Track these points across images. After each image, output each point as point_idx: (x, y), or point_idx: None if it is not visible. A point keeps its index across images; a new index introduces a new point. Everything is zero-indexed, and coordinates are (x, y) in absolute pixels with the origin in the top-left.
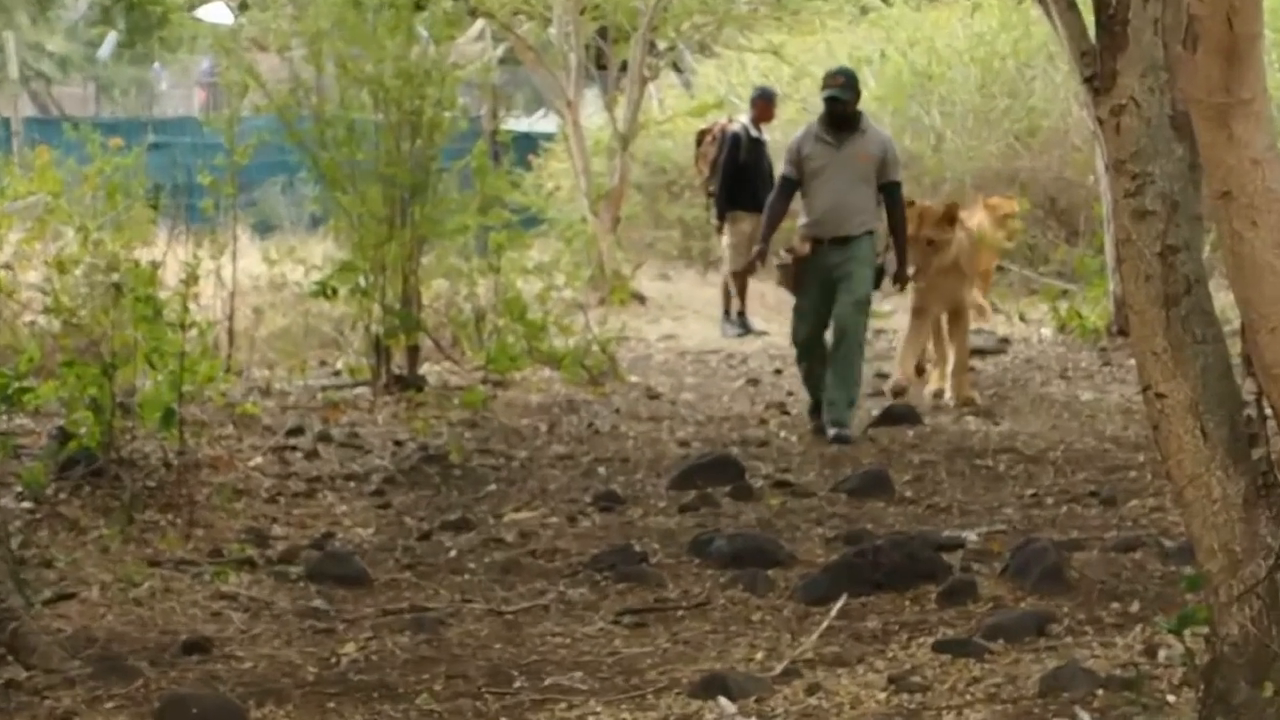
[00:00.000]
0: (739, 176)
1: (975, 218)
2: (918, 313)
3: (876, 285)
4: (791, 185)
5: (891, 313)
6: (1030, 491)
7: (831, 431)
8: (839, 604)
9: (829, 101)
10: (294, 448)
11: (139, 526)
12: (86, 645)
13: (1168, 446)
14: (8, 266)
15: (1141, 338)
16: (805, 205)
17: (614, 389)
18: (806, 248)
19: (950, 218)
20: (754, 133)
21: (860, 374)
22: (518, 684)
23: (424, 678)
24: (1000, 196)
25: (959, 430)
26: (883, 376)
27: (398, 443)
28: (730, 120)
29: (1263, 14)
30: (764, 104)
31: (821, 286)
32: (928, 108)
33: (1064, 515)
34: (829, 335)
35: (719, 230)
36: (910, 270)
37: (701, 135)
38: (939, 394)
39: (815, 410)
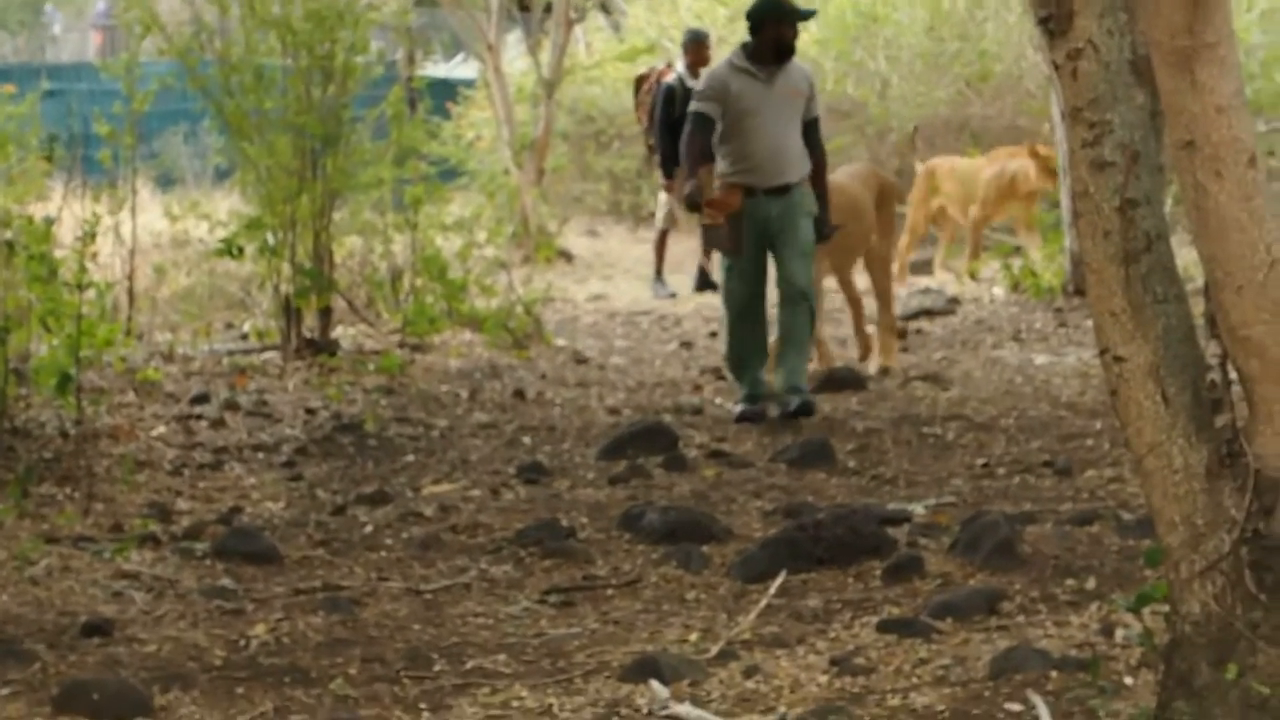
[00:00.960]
0: (675, 131)
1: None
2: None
3: (819, 237)
4: (710, 125)
5: None
6: (981, 461)
7: (794, 402)
8: (778, 581)
9: (787, 23)
10: (199, 416)
11: (34, 500)
12: None
13: (1127, 413)
14: None
15: (1099, 297)
16: (731, 151)
17: (539, 353)
18: (737, 199)
19: None
20: (689, 81)
21: (811, 337)
22: (438, 667)
23: (338, 661)
24: (1042, 144)
25: (905, 396)
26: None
27: (309, 411)
28: (668, 67)
29: None
30: (696, 47)
31: (758, 242)
32: (873, 52)
33: (1016, 486)
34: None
35: (667, 188)
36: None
37: (639, 81)
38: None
39: (752, 398)
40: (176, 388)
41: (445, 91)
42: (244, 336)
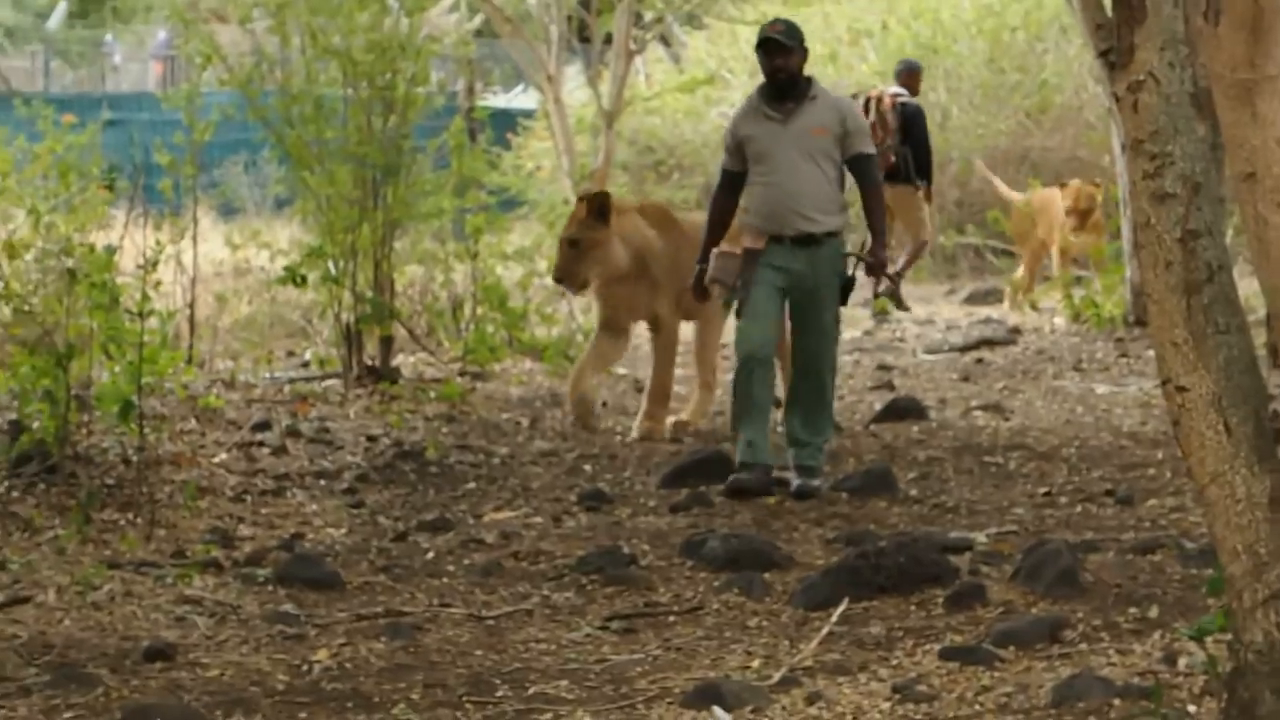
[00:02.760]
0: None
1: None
2: (604, 325)
3: (843, 300)
4: (733, 179)
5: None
6: (1043, 490)
7: (795, 483)
8: (840, 609)
9: (765, 51)
10: (261, 443)
11: (97, 526)
12: (43, 652)
13: (1188, 443)
14: None
15: (1161, 328)
16: (750, 198)
17: (600, 381)
18: (761, 242)
19: (600, 211)
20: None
21: (832, 412)
22: (500, 693)
23: (400, 686)
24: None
25: (967, 426)
26: (885, 369)
27: (371, 438)
28: (881, 91)
29: None
30: (907, 76)
31: (776, 286)
32: (933, 83)
33: (1078, 515)
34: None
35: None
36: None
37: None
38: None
39: (746, 466)
40: (238, 415)
41: (505, 122)
42: (305, 364)
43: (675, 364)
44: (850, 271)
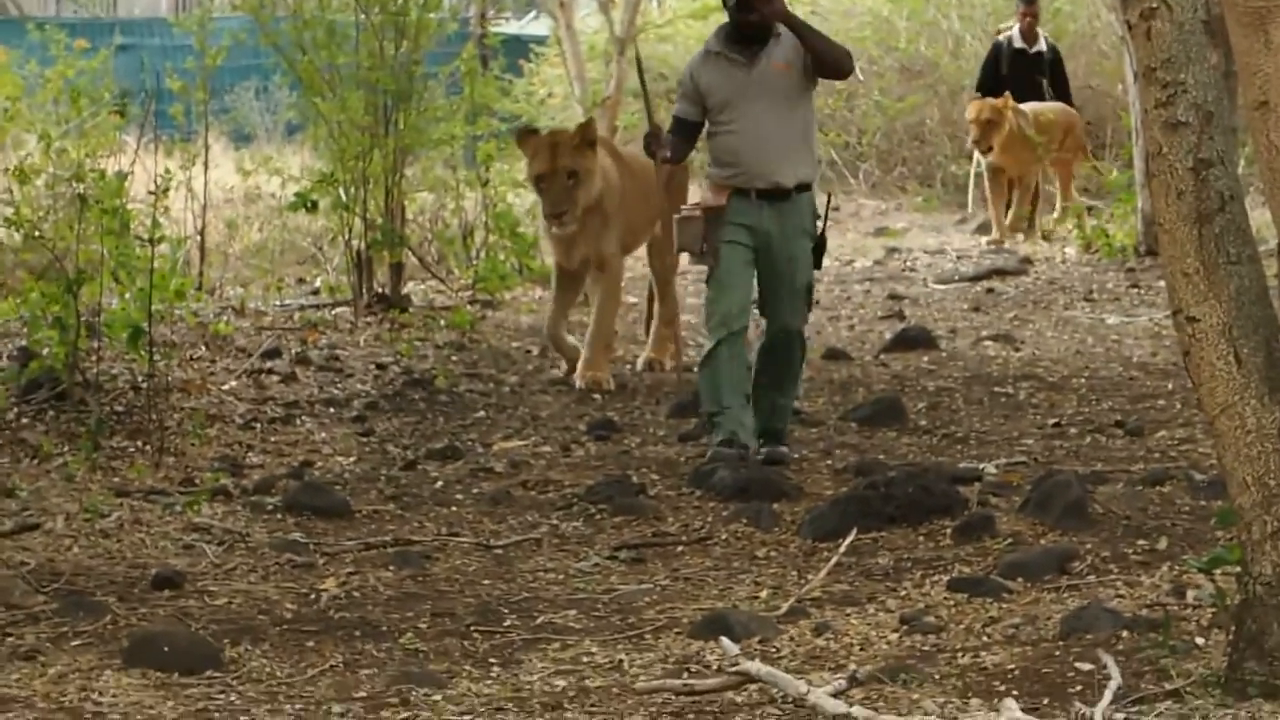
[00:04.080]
0: (996, 94)
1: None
2: (560, 267)
3: (818, 264)
4: (689, 129)
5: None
6: (1052, 421)
7: (763, 450)
8: (848, 539)
9: (739, 6)
10: (270, 371)
11: (106, 454)
12: (51, 579)
13: (1199, 373)
14: None
15: (1172, 258)
16: (714, 151)
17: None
18: (723, 198)
19: (591, 140)
20: (1018, 43)
21: (800, 374)
22: (508, 622)
23: (408, 615)
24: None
25: (977, 356)
26: (895, 298)
27: (380, 366)
28: (999, 30)
29: None
30: (1025, 6)
31: (747, 248)
32: (945, 10)
33: (1088, 446)
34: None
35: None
36: None
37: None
38: (651, 364)
39: (728, 442)
40: (248, 342)
41: (517, 48)
42: (315, 291)
43: (619, 308)
44: (822, 229)
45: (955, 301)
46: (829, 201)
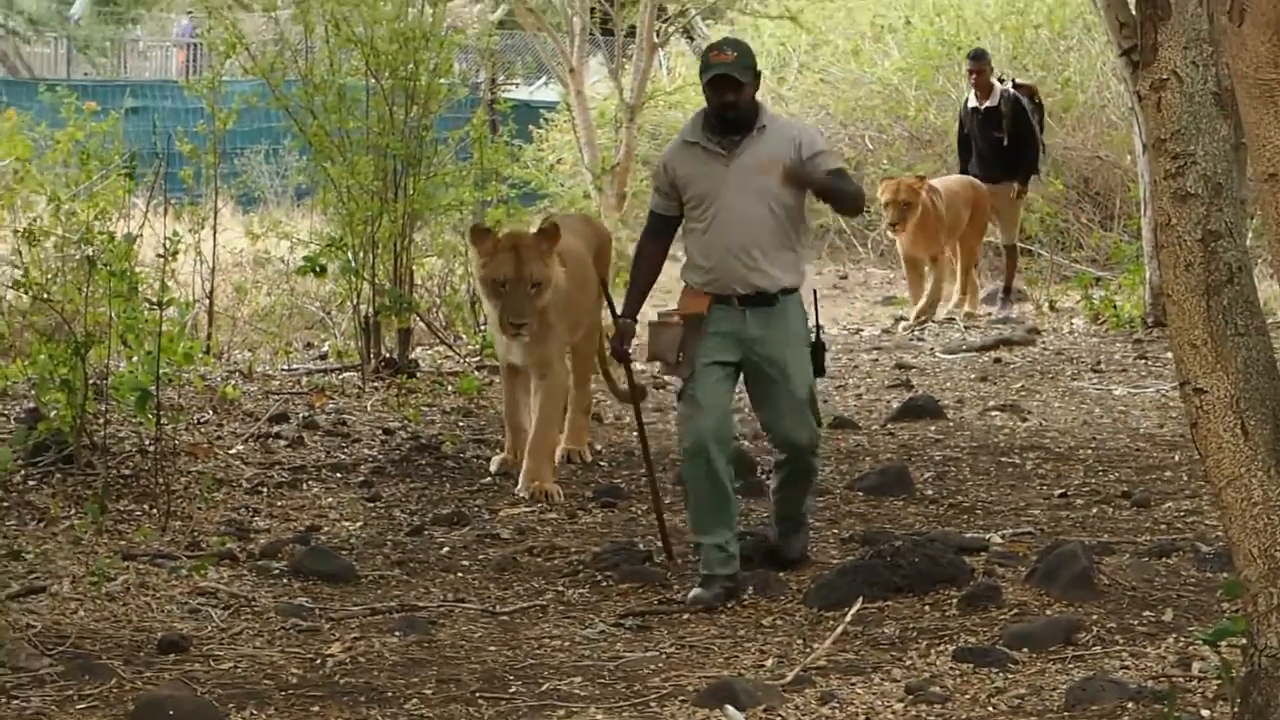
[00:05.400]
0: (967, 156)
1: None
2: (509, 370)
3: (819, 370)
4: (664, 224)
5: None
6: (1059, 491)
7: (782, 553)
8: (854, 608)
9: (713, 87)
10: (277, 435)
11: (112, 517)
12: (57, 642)
13: (1206, 445)
14: None
15: (1180, 329)
16: (689, 249)
17: (618, 377)
18: (703, 306)
19: (553, 247)
20: (972, 102)
21: (813, 499)
22: (513, 689)
23: (414, 681)
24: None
25: (984, 426)
26: (902, 368)
27: (387, 431)
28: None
29: None
30: (974, 66)
31: (726, 365)
32: (956, 80)
33: (1094, 517)
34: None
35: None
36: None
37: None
38: (569, 456)
39: (709, 580)
40: (255, 406)
41: (527, 114)
42: (323, 356)
43: (562, 417)
44: (817, 331)
45: (963, 371)
46: (815, 299)
